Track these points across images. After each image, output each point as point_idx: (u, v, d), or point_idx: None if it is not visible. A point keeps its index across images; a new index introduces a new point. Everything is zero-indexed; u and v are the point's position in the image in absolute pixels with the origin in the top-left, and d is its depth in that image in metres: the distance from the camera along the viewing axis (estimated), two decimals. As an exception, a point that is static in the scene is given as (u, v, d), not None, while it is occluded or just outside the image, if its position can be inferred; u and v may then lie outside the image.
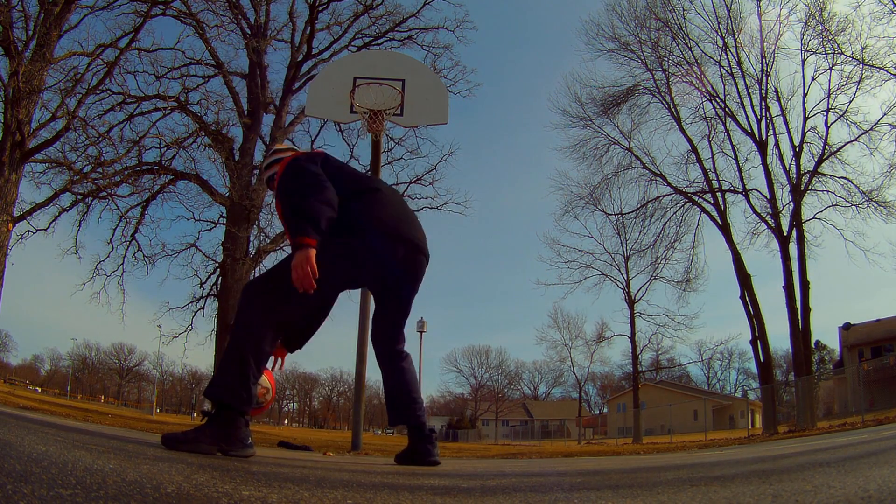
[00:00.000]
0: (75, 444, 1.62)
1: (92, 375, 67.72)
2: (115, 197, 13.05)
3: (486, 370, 60.00)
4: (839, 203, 16.48)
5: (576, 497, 1.34)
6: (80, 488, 0.88)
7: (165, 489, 1.03)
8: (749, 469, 1.99)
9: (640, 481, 1.81)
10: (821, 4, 16.11)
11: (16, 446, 1.31)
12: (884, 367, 20.38)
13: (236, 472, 1.46)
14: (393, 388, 2.65)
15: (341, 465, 2.58)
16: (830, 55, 16.15)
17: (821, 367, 39.90)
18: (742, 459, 2.79)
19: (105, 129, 12.34)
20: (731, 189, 17.93)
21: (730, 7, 17.39)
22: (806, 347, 15.72)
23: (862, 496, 1.10)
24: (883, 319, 25.45)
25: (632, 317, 26.01)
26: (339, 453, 4.70)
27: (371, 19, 14.77)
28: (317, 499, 1.16)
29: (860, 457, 2.19)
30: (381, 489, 1.50)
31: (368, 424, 66.58)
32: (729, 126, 17.85)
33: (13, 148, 10.01)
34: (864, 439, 4.30)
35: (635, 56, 19.04)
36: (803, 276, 15.63)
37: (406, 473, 2.20)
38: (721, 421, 36.42)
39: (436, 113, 6.40)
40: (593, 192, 21.39)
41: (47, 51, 10.53)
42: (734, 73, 17.52)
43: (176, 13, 12.96)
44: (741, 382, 60.00)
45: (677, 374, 55.07)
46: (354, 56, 9.34)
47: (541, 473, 2.38)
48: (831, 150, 16.48)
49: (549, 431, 50.28)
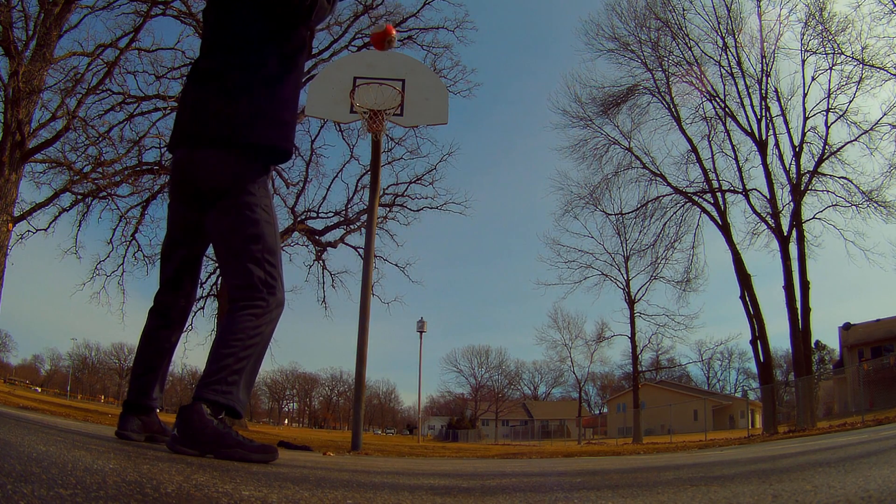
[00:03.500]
0: (75, 444, 1.62)
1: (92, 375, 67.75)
2: (115, 197, 13.10)
3: (486, 370, 60.09)
4: (839, 203, 16.50)
5: (576, 497, 1.34)
6: (80, 488, 0.88)
7: (165, 489, 1.03)
8: (749, 469, 1.99)
9: (640, 481, 1.81)
10: (821, 4, 16.14)
11: (16, 446, 1.31)
12: (884, 367, 20.38)
13: (236, 471, 1.46)
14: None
15: (341, 465, 2.58)
16: (830, 55, 16.17)
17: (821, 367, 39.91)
18: (742, 459, 2.79)
19: (105, 129, 12.38)
20: (731, 189, 17.96)
21: (730, 7, 17.41)
22: (806, 347, 15.72)
23: (862, 496, 1.10)
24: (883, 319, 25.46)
25: (632, 317, 26.03)
26: (339, 453, 4.70)
27: (371, 19, 14.79)
28: (317, 499, 1.16)
29: (860, 457, 2.19)
30: (381, 489, 1.50)
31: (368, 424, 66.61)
32: (729, 126, 17.88)
33: (13, 148, 10.01)
34: (864, 439, 4.30)
35: (635, 56, 19.07)
36: (803, 276, 15.64)
37: (406, 473, 2.20)
38: (721, 421, 36.41)
39: (436, 113, 6.40)
40: (593, 192, 21.42)
41: (47, 51, 10.53)
42: (734, 73, 17.54)
43: (176, 13, 12.98)
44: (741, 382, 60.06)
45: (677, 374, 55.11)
46: (354, 56, 9.34)
47: (541, 473, 2.38)
48: (831, 150, 16.49)
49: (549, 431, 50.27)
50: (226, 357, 1.88)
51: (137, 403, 2.29)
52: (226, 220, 2.04)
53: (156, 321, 2.30)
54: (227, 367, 1.87)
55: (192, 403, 1.86)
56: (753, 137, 17.23)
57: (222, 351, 1.89)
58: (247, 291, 1.99)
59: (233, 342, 1.90)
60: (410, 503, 1.22)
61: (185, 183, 2.13)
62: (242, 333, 1.92)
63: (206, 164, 2.04)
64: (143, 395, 2.29)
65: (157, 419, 2.34)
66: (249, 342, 1.92)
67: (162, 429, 2.31)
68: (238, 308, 1.98)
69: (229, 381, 1.86)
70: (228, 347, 1.89)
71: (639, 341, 26.63)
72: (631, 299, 25.71)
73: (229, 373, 1.87)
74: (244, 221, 2.02)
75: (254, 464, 1.78)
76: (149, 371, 2.30)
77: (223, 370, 1.87)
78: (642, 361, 30.70)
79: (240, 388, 1.89)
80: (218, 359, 1.89)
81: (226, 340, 1.91)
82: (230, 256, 2.06)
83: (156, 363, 2.30)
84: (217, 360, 1.89)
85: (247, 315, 1.95)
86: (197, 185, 2.08)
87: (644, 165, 19.84)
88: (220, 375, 1.86)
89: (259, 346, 1.96)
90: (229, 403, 1.86)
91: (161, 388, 2.37)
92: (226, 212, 2.04)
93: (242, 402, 1.91)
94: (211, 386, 1.85)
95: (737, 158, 17.71)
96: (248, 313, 1.95)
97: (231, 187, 2.02)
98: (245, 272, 2.00)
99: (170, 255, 2.30)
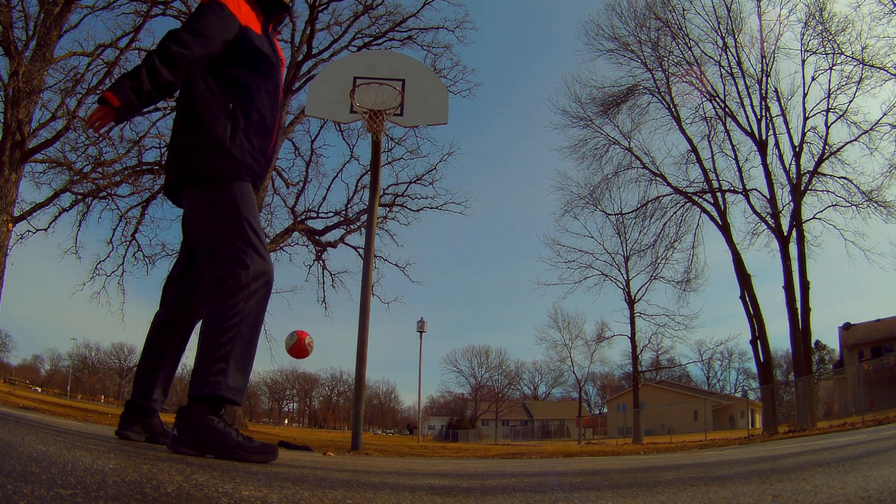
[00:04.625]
0: (75, 444, 1.62)
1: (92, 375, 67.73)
2: (115, 197, 13.10)
3: (486, 370, 60.06)
4: (839, 203, 16.49)
5: (576, 497, 1.34)
6: (80, 488, 0.88)
7: (165, 489, 1.03)
8: (749, 469, 1.99)
9: (640, 481, 1.81)
10: (821, 4, 16.13)
11: (16, 446, 1.31)
12: (884, 367, 20.39)
13: (236, 471, 1.46)
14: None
15: (341, 465, 2.58)
16: (830, 55, 16.16)
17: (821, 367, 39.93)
18: (742, 459, 2.79)
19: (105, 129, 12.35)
20: (731, 189, 17.96)
21: (730, 7, 17.41)
22: (806, 347, 15.72)
23: (862, 496, 1.10)
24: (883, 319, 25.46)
25: (632, 317, 26.02)
26: (339, 453, 4.70)
27: (371, 19, 14.81)
28: (317, 499, 1.16)
29: (860, 457, 2.19)
30: (381, 489, 1.50)
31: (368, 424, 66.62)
32: (729, 126, 17.88)
33: (13, 148, 10.01)
34: (864, 439, 4.30)
35: (635, 56, 19.07)
36: (803, 276, 15.64)
37: (406, 473, 2.20)
38: (721, 421, 36.41)
39: (436, 113, 6.40)
40: (593, 192, 21.42)
41: (47, 51, 10.54)
42: (734, 73, 17.54)
43: (176, 13, 12.98)
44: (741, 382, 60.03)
45: (677, 374, 55.08)
46: (354, 56, 9.34)
47: (541, 473, 2.38)
48: (831, 150, 16.49)
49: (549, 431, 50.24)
50: (206, 347, 1.84)
51: (138, 404, 2.27)
52: (192, 220, 2.10)
53: (157, 321, 2.30)
54: (209, 356, 1.82)
55: (189, 404, 1.84)
56: (753, 137, 17.24)
57: (202, 342, 1.85)
58: (215, 272, 1.93)
59: (211, 330, 1.85)
60: (410, 503, 1.22)
61: (184, 221, 2.26)
62: (218, 316, 1.85)
63: (186, 203, 2.12)
64: (144, 395, 2.28)
65: (159, 421, 2.32)
66: (228, 324, 1.85)
67: (164, 430, 2.30)
68: (210, 294, 1.92)
69: (213, 371, 1.81)
70: (207, 336, 1.85)
71: (639, 341, 26.64)
72: (631, 299, 25.71)
73: (212, 362, 1.82)
74: (205, 212, 2.03)
75: (254, 464, 1.78)
76: (149, 370, 2.28)
77: (206, 361, 1.82)
78: (642, 361, 30.70)
79: (227, 376, 1.83)
80: (200, 351, 1.85)
81: (204, 331, 1.87)
82: (199, 250, 2.06)
83: (155, 363, 2.28)
84: (199, 353, 1.85)
85: (217, 297, 1.89)
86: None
87: (644, 165, 19.86)
88: (204, 367, 1.82)
89: (241, 324, 1.88)
90: (216, 394, 1.80)
91: (164, 390, 2.32)
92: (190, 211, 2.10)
93: (233, 387, 1.85)
94: (197, 380, 1.82)
95: (737, 158, 17.73)
96: (219, 295, 1.89)
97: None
98: (209, 256, 1.97)
99: (177, 281, 2.31)
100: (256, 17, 2.28)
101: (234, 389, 1.85)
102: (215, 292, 1.90)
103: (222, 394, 1.82)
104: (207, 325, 1.88)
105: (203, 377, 1.82)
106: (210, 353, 1.84)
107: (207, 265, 1.99)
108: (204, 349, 1.85)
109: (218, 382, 1.81)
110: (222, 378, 1.82)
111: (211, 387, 1.81)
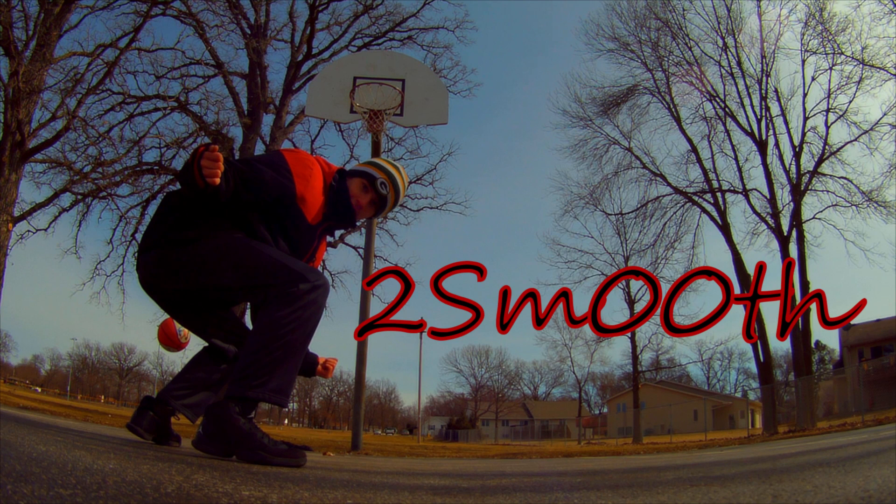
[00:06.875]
0: (75, 444, 1.62)
1: (92, 375, 67.66)
2: (115, 197, 13.09)
3: (486, 370, 59.99)
4: (839, 203, 16.48)
5: (576, 497, 1.34)
6: (80, 488, 0.88)
7: (165, 489, 1.03)
8: (749, 469, 1.99)
9: (640, 481, 1.81)
10: (821, 4, 16.13)
11: (16, 446, 1.31)
12: (884, 367, 20.38)
13: (236, 471, 1.46)
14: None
15: (341, 465, 2.58)
16: (830, 55, 16.15)
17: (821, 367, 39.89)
18: (742, 459, 2.79)
19: (105, 129, 12.38)
20: (731, 189, 17.94)
21: (730, 7, 17.40)
22: (806, 347, 15.72)
23: (862, 496, 1.10)
24: (883, 319, 25.40)
25: (632, 317, 26.01)
26: (339, 453, 4.70)
27: (371, 19, 14.79)
28: (317, 499, 1.16)
29: (860, 457, 2.19)
30: (381, 489, 1.50)
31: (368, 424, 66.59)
32: (729, 126, 17.86)
33: (13, 148, 10.01)
34: (864, 439, 4.30)
35: (635, 56, 19.04)
36: (803, 276, 15.63)
37: (406, 473, 2.20)
38: (721, 421, 36.39)
39: (436, 113, 6.40)
40: (593, 192, 21.37)
41: (47, 51, 10.54)
42: (734, 73, 17.53)
43: (176, 13, 12.98)
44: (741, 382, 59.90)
45: (677, 374, 55.04)
46: (354, 56, 9.35)
47: (541, 473, 2.38)
48: (831, 150, 16.48)
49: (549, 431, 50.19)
50: (255, 351, 1.83)
51: (160, 400, 2.26)
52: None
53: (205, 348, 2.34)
54: (256, 361, 1.82)
55: (220, 402, 1.84)
56: (753, 137, 17.24)
57: (252, 346, 1.85)
58: (271, 292, 1.91)
59: (263, 336, 1.84)
60: (410, 503, 1.22)
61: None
62: (274, 322, 1.85)
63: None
64: (167, 395, 2.25)
65: (170, 426, 2.32)
66: (282, 331, 1.84)
67: (173, 434, 2.32)
68: (267, 305, 1.91)
69: (257, 375, 1.81)
70: (258, 342, 1.84)
71: (639, 341, 26.65)
72: (631, 299, 25.70)
73: (258, 367, 1.81)
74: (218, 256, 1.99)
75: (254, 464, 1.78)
76: (181, 380, 2.28)
77: (251, 365, 1.82)
78: (642, 361, 30.68)
79: (273, 378, 1.83)
80: (247, 354, 1.85)
81: (255, 336, 1.87)
82: (235, 288, 2.00)
83: (192, 376, 2.28)
84: (246, 356, 1.85)
85: (274, 307, 1.87)
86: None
87: (644, 165, 19.83)
88: (248, 371, 1.81)
89: (296, 331, 1.87)
90: (251, 396, 1.80)
91: (192, 408, 2.25)
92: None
93: (275, 389, 1.83)
94: (238, 382, 1.81)
95: (737, 158, 17.72)
96: (276, 305, 1.88)
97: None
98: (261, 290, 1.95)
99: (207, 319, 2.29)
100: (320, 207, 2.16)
101: (276, 391, 1.84)
102: (272, 304, 1.89)
103: (262, 396, 1.81)
104: (260, 331, 1.86)
105: (246, 380, 1.81)
106: (258, 357, 1.83)
107: (255, 296, 2.01)
108: (252, 353, 1.84)
109: (260, 385, 1.81)
110: (266, 380, 1.82)
111: (253, 389, 1.80)
